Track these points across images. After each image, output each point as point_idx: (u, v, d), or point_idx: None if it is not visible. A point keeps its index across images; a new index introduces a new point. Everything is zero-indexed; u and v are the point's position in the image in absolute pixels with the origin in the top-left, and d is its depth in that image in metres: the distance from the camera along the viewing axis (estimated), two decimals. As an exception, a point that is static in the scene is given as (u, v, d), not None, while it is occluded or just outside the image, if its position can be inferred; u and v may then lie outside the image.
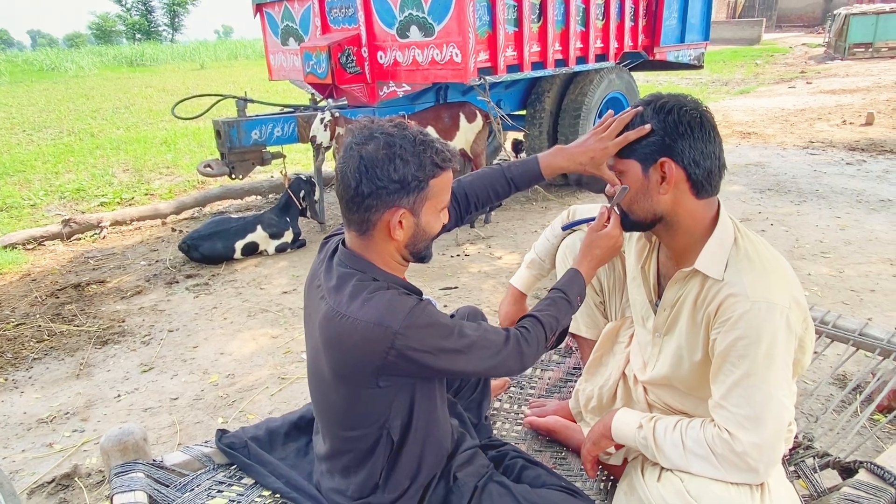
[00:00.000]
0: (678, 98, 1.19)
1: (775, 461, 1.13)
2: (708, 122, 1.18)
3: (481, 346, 1.18)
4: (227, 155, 4.15)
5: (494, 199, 1.48)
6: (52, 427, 2.41)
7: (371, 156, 1.09)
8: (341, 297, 1.13)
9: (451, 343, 1.14)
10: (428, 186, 1.12)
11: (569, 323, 1.38)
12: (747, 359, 1.10)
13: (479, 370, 1.20)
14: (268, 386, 2.60)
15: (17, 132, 9.98)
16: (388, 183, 1.09)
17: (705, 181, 1.19)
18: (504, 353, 1.22)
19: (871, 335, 1.86)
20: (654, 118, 1.18)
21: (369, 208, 1.11)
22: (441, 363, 1.14)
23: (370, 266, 1.16)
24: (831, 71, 13.84)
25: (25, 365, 2.89)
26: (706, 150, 1.17)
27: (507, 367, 1.23)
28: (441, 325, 1.14)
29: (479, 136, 4.51)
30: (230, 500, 1.38)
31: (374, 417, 1.19)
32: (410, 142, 1.11)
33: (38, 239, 4.62)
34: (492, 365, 1.21)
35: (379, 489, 1.23)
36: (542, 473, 1.39)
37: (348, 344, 1.10)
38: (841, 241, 3.87)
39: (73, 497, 2.02)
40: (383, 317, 1.08)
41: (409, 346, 1.09)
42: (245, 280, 3.80)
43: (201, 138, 8.76)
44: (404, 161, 1.09)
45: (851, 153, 6.27)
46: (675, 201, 1.19)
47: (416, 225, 1.15)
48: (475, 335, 1.18)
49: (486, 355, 1.19)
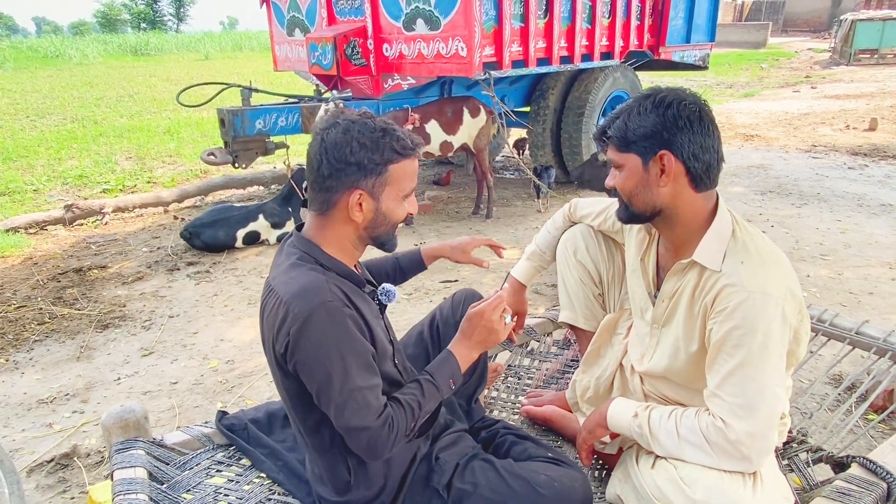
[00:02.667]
0: (677, 92, 1.21)
1: (768, 450, 1.14)
2: (707, 116, 1.20)
3: (355, 392, 1.11)
4: (231, 144, 4.15)
5: (385, 279, 1.56)
6: (52, 408, 2.42)
7: (332, 139, 1.15)
8: (276, 272, 1.19)
9: (331, 364, 1.10)
10: (387, 171, 1.16)
11: (433, 409, 1.25)
12: (742, 348, 1.11)
13: (337, 414, 1.11)
14: (266, 373, 2.61)
15: (21, 118, 9.98)
16: (346, 165, 1.14)
17: (704, 174, 1.20)
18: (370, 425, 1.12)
19: (867, 334, 1.88)
20: (654, 112, 1.19)
21: (329, 189, 1.16)
22: (311, 380, 1.11)
23: (315, 248, 1.20)
24: (836, 76, 13.83)
25: (26, 347, 2.90)
26: (705, 143, 1.18)
27: (361, 440, 1.13)
28: (335, 342, 1.10)
29: (483, 131, 4.51)
30: (229, 479, 1.40)
31: (313, 414, 1.20)
32: (370, 129, 1.16)
33: (40, 223, 4.63)
34: (353, 425, 1.11)
35: (353, 487, 1.24)
36: (528, 446, 1.42)
37: (267, 314, 1.16)
38: (841, 244, 3.89)
39: (72, 476, 2.03)
40: (292, 299, 1.11)
41: (299, 337, 1.09)
42: (246, 268, 3.81)
43: (205, 128, 8.77)
44: (361, 145, 1.14)
45: (854, 158, 6.27)
46: (674, 194, 1.21)
47: (377, 210, 1.19)
48: (359, 380, 1.11)
49: (353, 407, 1.11)
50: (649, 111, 1.19)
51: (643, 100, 1.21)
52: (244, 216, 4.14)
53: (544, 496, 1.24)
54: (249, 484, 1.39)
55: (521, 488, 1.25)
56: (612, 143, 1.25)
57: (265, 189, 5.71)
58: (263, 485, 1.39)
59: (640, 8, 5.13)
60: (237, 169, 4.47)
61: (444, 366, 1.27)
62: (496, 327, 1.27)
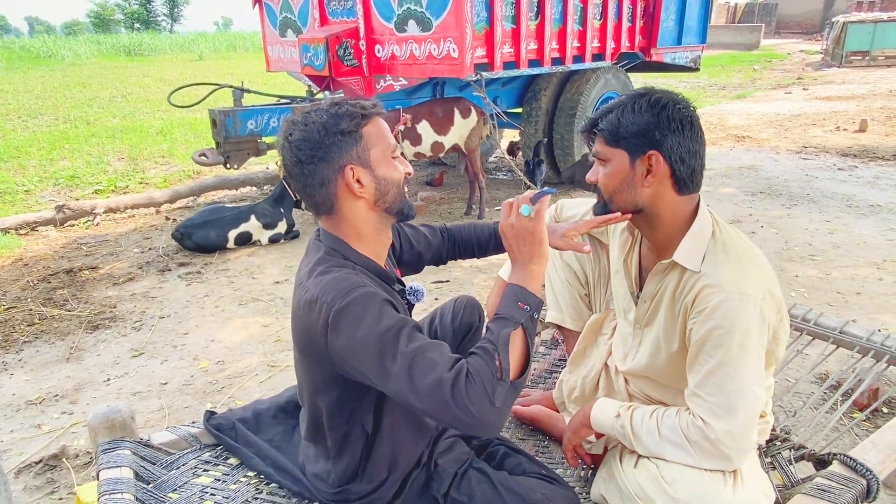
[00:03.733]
0: (671, 94, 1.22)
1: (747, 449, 1.16)
2: (697, 121, 1.21)
3: (412, 377, 1.00)
4: (223, 144, 4.16)
5: (477, 252, 1.54)
6: (41, 409, 2.42)
7: (297, 138, 1.14)
8: (307, 269, 1.16)
9: (380, 338, 1.03)
10: (362, 135, 1.15)
11: (515, 341, 1.07)
12: (721, 349, 1.12)
13: (408, 402, 1.02)
14: (257, 373, 2.62)
15: (13, 118, 9.93)
16: (323, 150, 1.12)
17: (688, 178, 1.21)
18: (440, 389, 0.99)
19: (851, 333, 1.90)
20: (648, 111, 1.19)
21: (322, 182, 1.14)
22: (364, 363, 1.04)
23: (342, 244, 1.19)
24: (828, 78, 13.92)
25: (16, 348, 2.89)
26: (692, 148, 1.20)
27: (449, 400, 0.98)
28: (377, 320, 1.04)
29: (474, 131, 4.53)
30: (215, 479, 1.40)
31: (342, 408, 1.19)
32: (324, 109, 1.15)
33: (31, 224, 4.61)
34: (425, 406, 1.00)
35: (358, 478, 1.24)
36: (523, 461, 1.42)
37: (300, 314, 1.13)
38: (829, 245, 3.92)
39: (61, 477, 2.03)
40: (324, 292, 1.08)
41: (339, 330, 1.05)
42: (237, 269, 3.81)
43: (198, 129, 8.74)
44: (324, 125, 1.13)
45: (844, 159, 6.32)
46: (656, 195, 1.22)
47: (374, 177, 1.16)
48: (413, 343, 1.03)
49: (420, 368, 1.01)
50: (644, 110, 1.19)
51: (638, 98, 1.21)
52: (236, 217, 4.14)
53: None
54: (236, 483, 1.39)
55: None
56: (602, 136, 1.25)
57: (257, 190, 5.70)
58: (250, 484, 1.40)
59: (631, 10, 5.16)
60: (229, 170, 4.48)
61: (505, 297, 1.13)
62: (527, 226, 1.13)
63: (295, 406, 1.55)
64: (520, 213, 1.14)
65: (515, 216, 1.14)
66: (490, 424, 1.01)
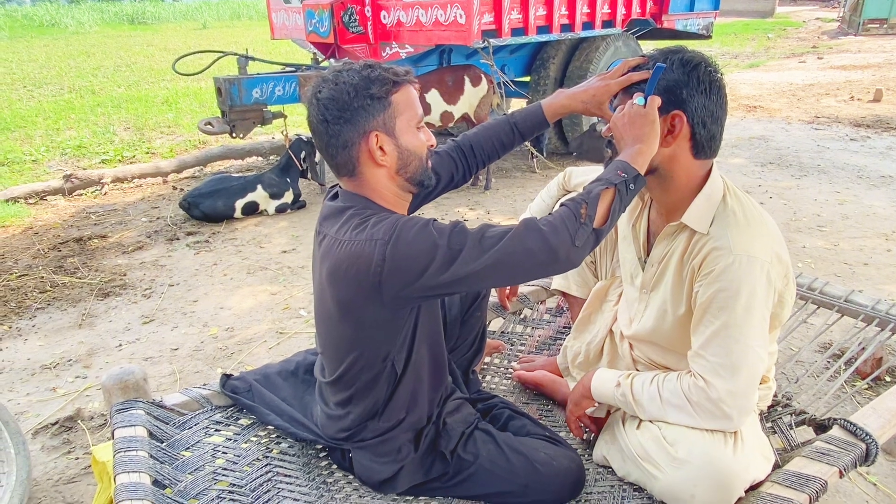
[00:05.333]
0: (703, 56, 1.19)
1: (748, 409, 1.17)
2: (724, 87, 1.20)
3: (482, 239, 1.08)
4: (228, 113, 4.14)
5: (500, 150, 1.46)
6: (56, 373, 2.47)
7: (326, 95, 1.14)
8: (339, 228, 1.16)
9: (445, 243, 1.07)
10: (391, 102, 1.15)
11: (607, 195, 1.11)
12: (727, 310, 1.13)
13: (486, 266, 1.07)
14: (266, 340, 2.66)
15: (18, 88, 9.89)
16: (351, 112, 1.13)
17: (707, 143, 1.20)
18: (516, 238, 1.07)
19: (856, 302, 1.90)
20: (680, 69, 1.17)
21: (346, 145, 1.15)
22: (438, 268, 1.07)
23: (368, 202, 1.19)
24: (843, 46, 13.59)
25: (29, 314, 2.94)
26: (716, 113, 1.18)
27: (528, 251, 1.06)
28: (433, 229, 1.09)
29: (484, 100, 4.48)
30: (227, 438, 1.44)
31: (380, 350, 1.21)
32: (357, 71, 1.14)
33: (39, 193, 4.64)
34: (502, 256, 1.06)
35: (377, 416, 1.27)
36: (527, 423, 1.44)
37: (344, 266, 1.12)
38: (838, 216, 3.89)
39: (76, 438, 2.09)
40: (372, 233, 1.10)
41: (399, 255, 1.07)
42: (245, 238, 3.83)
43: (203, 98, 8.69)
44: (356, 87, 1.13)
45: (856, 129, 6.22)
46: (672, 156, 1.21)
47: (398, 146, 1.17)
48: (476, 230, 1.10)
49: (489, 245, 1.07)
50: (676, 67, 1.17)
51: (671, 54, 1.19)
52: (242, 186, 4.15)
53: (541, 473, 1.28)
54: (247, 442, 1.43)
55: (520, 463, 1.28)
56: (626, 90, 1.24)
57: (263, 160, 5.69)
58: (261, 443, 1.43)
59: (642, -25, 5.04)
60: (235, 139, 4.47)
61: (607, 169, 1.17)
62: (639, 111, 1.16)
63: (305, 370, 1.57)
64: (634, 103, 1.18)
65: (629, 108, 1.18)
66: (569, 260, 1.09)
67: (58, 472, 1.93)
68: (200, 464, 1.34)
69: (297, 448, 1.44)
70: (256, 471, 1.35)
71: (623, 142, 1.18)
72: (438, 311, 1.33)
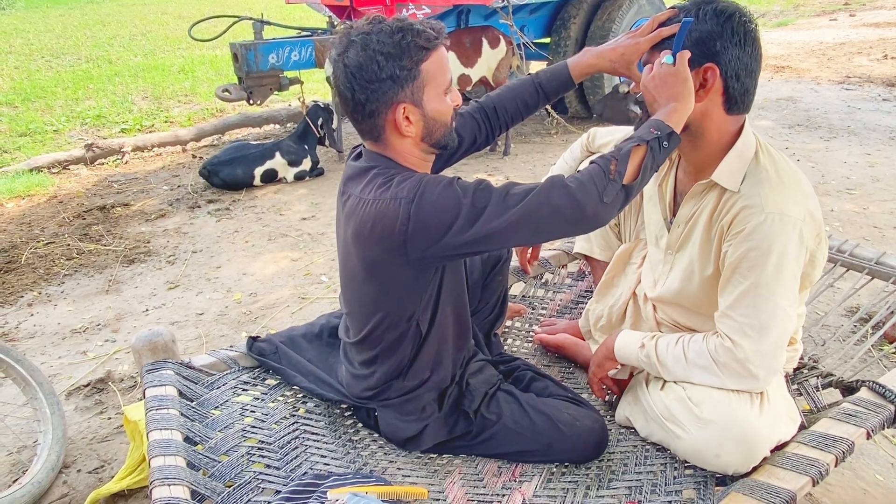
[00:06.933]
0: (737, 5, 1.14)
1: (776, 369, 1.16)
2: (759, 39, 1.15)
3: (506, 196, 1.07)
4: (245, 80, 4.11)
5: (525, 112, 1.42)
6: (85, 337, 2.54)
7: (354, 62, 1.09)
8: (363, 187, 1.15)
9: (469, 200, 1.06)
10: (421, 72, 1.11)
11: (638, 150, 1.10)
12: (757, 270, 1.11)
13: (511, 223, 1.06)
14: (289, 305, 2.69)
15: (36, 58, 9.93)
16: (379, 83, 1.09)
17: (740, 98, 1.16)
18: (542, 195, 1.06)
19: (887, 264, 1.85)
20: (714, 19, 1.12)
21: (372, 114, 1.13)
22: (463, 226, 1.06)
23: (391, 162, 1.18)
24: (878, 2, 13.00)
25: (57, 280, 3.01)
26: (750, 66, 1.14)
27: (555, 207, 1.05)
28: (457, 187, 1.08)
29: (503, 63, 4.38)
30: (254, 397, 1.47)
31: (405, 310, 1.21)
32: (388, 34, 1.09)
33: (62, 163, 4.69)
34: (527, 212, 1.05)
35: (402, 375, 1.28)
36: (549, 385, 1.45)
37: (369, 226, 1.12)
38: (869, 178, 3.78)
39: (108, 399, 2.15)
40: (397, 192, 1.09)
41: (423, 213, 1.06)
42: (265, 206, 3.85)
43: (219, 66, 8.65)
44: (386, 56, 1.08)
45: (889, 89, 6.00)
46: (704, 111, 1.17)
47: (424, 115, 1.14)
48: (500, 188, 1.09)
49: (514, 202, 1.06)
50: (709, 17, 1.12)
51: (704, 4, 1.14)
52: (261, 154, 4.15)
53: (564, 433, 1.28)
54: (274, 402, 1.46)
55: (543, 423, 1.29)
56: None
57: (281, 127, 5.68)
58: (287, 402, 1.46)
59: (668, -72, 4.84)
60: (252, 105, 4.45)
61: (641, 126, 1.16)
62: (670, 70, 1.13)
63: (329, 333, 1.58)
64: (662, 62, 1.13)
65: (658, 68, 1.14)
66: (596, 217, 1.08)
67: (91, 432, 2.00)
68: (230, 422, 1.37)
69: (323, 407, 1.46)
70: (284, 429, 1.38)
71: (656, 103, 1.14)
72: (463, 273, 1.33)
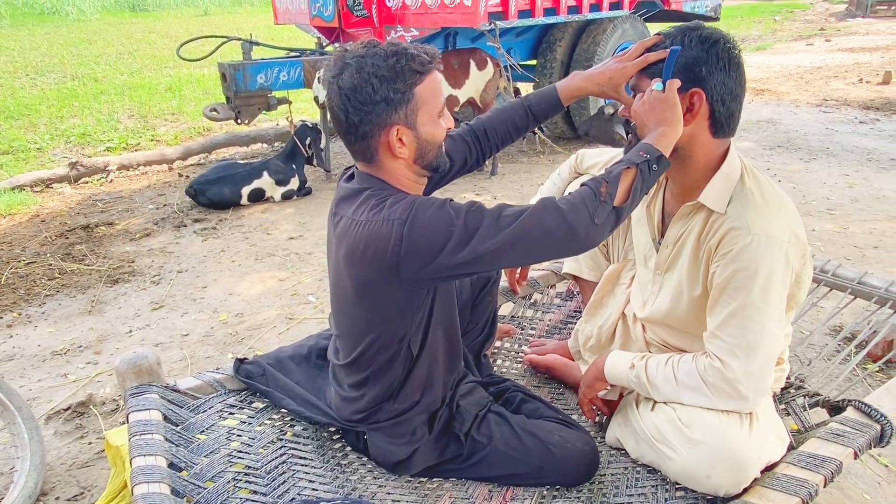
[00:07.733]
0: (721, 32, 1.18)
1: (764, 390, 1.17)
2: (743, 65, 1.18)
3: (498, 218, 1.08)
4: (233, 99, 4.12)
5: (515, 134, 1.44)
6: (66, 359, 2.49)
7: (348, 84, 1.10)
8: (355, 209, 1.15)
9: (461, 222, 1.07)
10: (414, 95, 1.12)
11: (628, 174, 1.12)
12: (744, 291, 1.12)
13: (503, 245, 1.07)
14: (276, 325, 2.66)
15: (21, 76, 9.85)
16: (373, 105, 1.10)
17: (726, 121, 1.19)
18: (533, 216, 1.07)
19: (869, 283, 1.89)
20: (699, 46, 1.15)
21: (366, 135, 1.13)
22: (455, 247, 1.07)
23: (384, 184, 1.18)
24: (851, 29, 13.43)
25: (38, 301, 2.95)
26: (735, 91, 1.17)
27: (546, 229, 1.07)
28: (449, 208, 1.09)
29: (490, 84, 4.44)
30: (241, 421, 1.45)
31: (397, 331, 1.21)
32: (382, 57, 1.10)
33: (45, 181, 4.63)
34: (519, 234, 1.06)
35: (392, 398, 1.27)
36: (539, 406, 1.44)
37: (361, 247, 1.12)
38: (848, 199, 3.86)
39: (89, 423, 2.10)
40: (389, 213, 1.09)
41: (416, 235, 1.07)
42: (252, 225, 3.83)
43: (206, 85, 8.65)
44: (380, 78, 1.09)
45: (865, 112, 6.16)
46: (691, 135, 1.19)
47: (417, 137, 1.16)
48: (492, 210, 1.10)
49: (506, 223, 1.07)
50: (694, 44, 1.15)
51: (689, 31, 1.17)
52: (249, 173, 4.14)
53: (555, 455, 1.28)
54: (261, 425, 1.44)
55: (534, 445, 1.29)
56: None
57: (268, 146, 5.67)
58: (275, 426, 1.44)
59: (650, -45, 4.97)
60: (240, 125, 4.45)
61: (630, 151, 1.18)
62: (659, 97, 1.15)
63: (317, 354, 1.57)
64: (653, 90, 1.16)
65: (647, 94, 1.17)
66: (588, 239, 1.10)
67: (71, 457, 1.95)
68: (216, 446, 1.34)
69: (311, 431, 1.44)
70: (271, 453, 1.36)
71: (646, 128, 1.17)
72: (454, 294, 1.33)
